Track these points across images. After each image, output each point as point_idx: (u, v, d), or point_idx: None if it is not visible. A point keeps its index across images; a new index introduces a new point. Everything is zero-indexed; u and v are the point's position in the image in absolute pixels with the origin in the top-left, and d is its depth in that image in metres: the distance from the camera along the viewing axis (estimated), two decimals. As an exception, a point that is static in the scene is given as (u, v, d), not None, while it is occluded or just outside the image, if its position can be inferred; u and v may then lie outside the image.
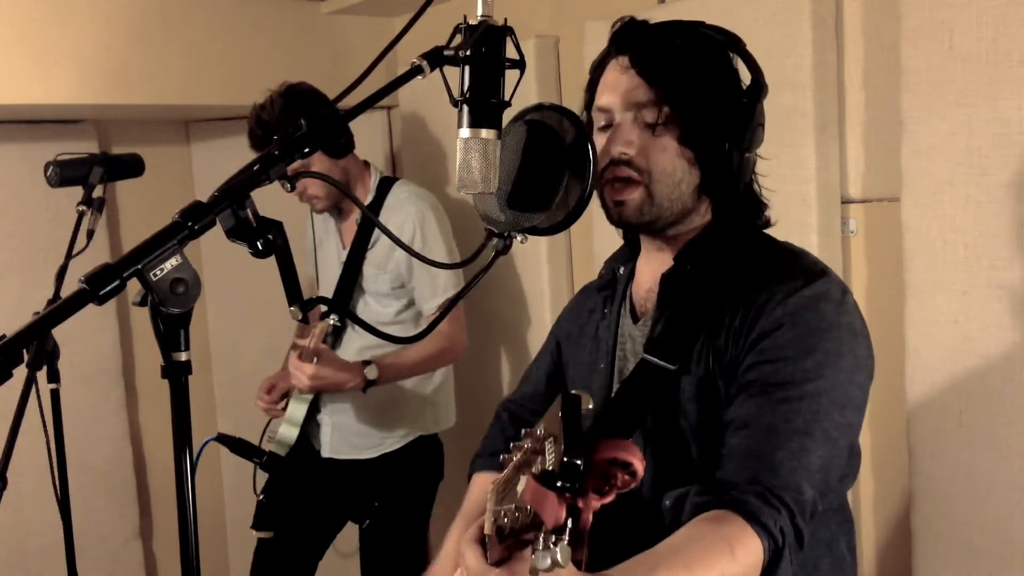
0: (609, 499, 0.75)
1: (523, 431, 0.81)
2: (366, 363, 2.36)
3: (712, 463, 1.16)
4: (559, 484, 0.72)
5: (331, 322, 2.30)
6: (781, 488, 1.08)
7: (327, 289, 2.59)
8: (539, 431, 0.78)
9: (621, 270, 1.41)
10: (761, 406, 1.14)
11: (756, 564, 1.05)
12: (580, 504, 0.72)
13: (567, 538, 0.73)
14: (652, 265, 1.34)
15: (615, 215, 1.27)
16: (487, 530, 0.88)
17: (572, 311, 1.53)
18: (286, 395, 2.59)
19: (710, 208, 1.30)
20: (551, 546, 0.73)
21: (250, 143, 2.41)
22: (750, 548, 1.04)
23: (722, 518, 1.06)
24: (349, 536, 2.91)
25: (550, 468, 0.73)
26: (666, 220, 1.27)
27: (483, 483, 1.44)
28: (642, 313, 1.34)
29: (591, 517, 0.73)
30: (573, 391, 0.75)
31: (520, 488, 0.81)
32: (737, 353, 1.19)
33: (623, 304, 1.38)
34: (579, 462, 0.72)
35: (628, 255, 1.42)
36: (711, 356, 1.21)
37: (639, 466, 0.74)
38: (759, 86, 1.26)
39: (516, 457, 0.82)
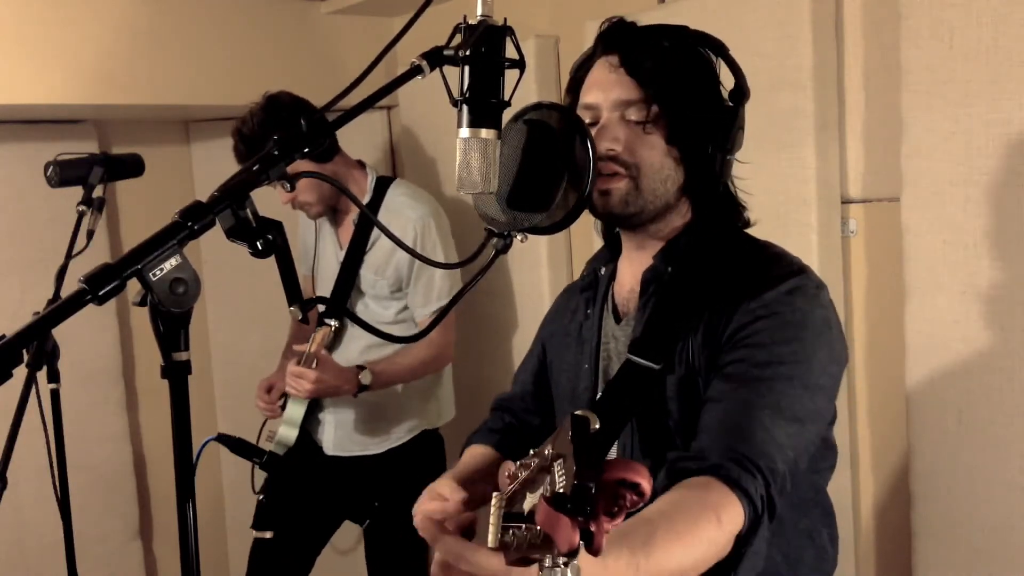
0: (619, 520, 0.75)
1: (531, 450, 0.81)
2: (360, 368, 2.37)
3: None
4: (571, 507, 0.72)
5: (331, 328, 2.30)
6: (756, 456, 1.10)
7: (324, 289, 2.59)
8: (547, 451, 0.77)
9: (603, 270, 1.42)
10: (735, 383, 1.16)
11: (737, 530, 1.06)
12: (593, 528, 0.72)
13: (578, 561, 0.73)
14: (633, 265, 1.35)
15: (600, 205, 1.27)
16: (491, 543, 0.88)
17: (555, 312, 1.54)
18: (285, 395, 2.60)
19: (689, 208, 1.32)
20: (562, 566, 0.73)
21: (236, 158, 2.40)
22: (733, 514, 1.06)
23: (705, 484, 1.07)
24: (347, 534, 2.91)
25: (561, 491, 0.73)
26: (649, 214, 1.28)
27: (477, 451, 1.48)
28: (624, 313, 1.35)
29: (604, 541, 0.73)
30: (580, 412, 0.75)
31: (527, 506, 0.81)
32: (715, 350, 1.21)
33: (605, 304, 1.39)
34: (591, 485, 0.71)
35: (609, 256, 1.43)
36: (691, 354, 1.23)
37: (647, 486, 0.74)
38: (742, 91, 1.28)
39: (523, 474, 0.82)
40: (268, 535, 2.52)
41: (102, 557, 3.08)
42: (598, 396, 1.33)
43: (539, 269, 2.69)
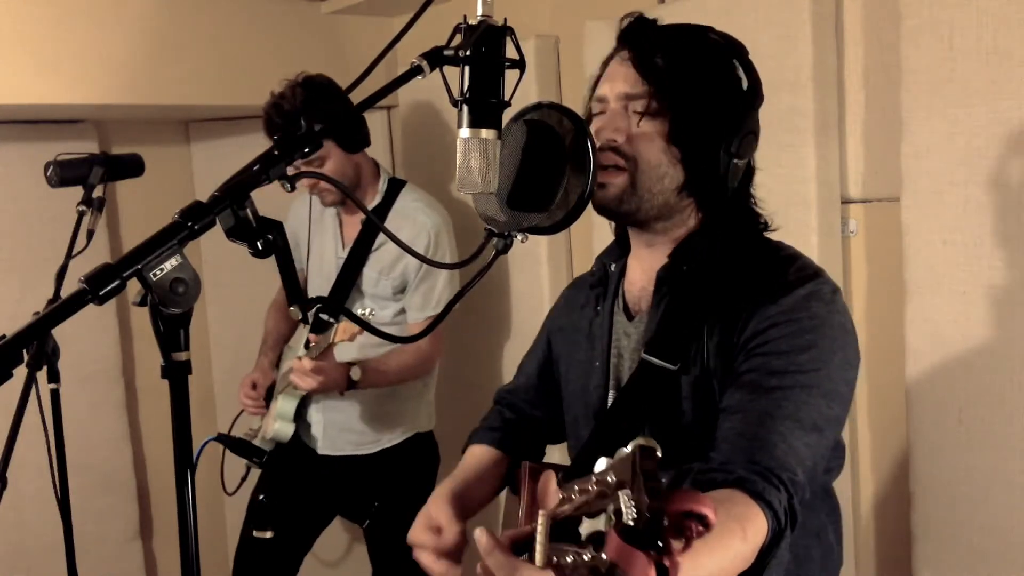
0: (686, 553, 0.74)
1: (592, 475, 0.80)
2: (350, 365, 2.37)
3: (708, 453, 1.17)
4: (643, 541, 0.71)
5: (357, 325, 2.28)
6: (778, 468, 1.09)
7: (319, 286, 2.59)
8: (609, 477, 0.76)
9: (613, 267, 1.41)
10: (753, 393, 1.16)
11: (761, 542, 1.06)
12: (667, 563, 0.71)
13: None
14: (644, 263, 1.34)
15: (596, 198, 1.26)
16: (539, 562, 0.87)
17: (564, 305, 1.53)
18: (269, 392, 2.60)
19: (695, 210, 1.30)
20: None
21: (265, 130, 2.37)
22: (758, 527, 1.05)
23: (729, 497, 1.07)
24: (335, 541, 2.89)
25: (630, 523, 0.72)
26: (646, 213, 1.27)
27: (478, 451, 1.48)
28: (636, 311, 1.34)
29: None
30: (644, 441, 0.74)
31: (584, 531, 0.80)
32: (731, 352, 1.20)
33: (616, 301, 1.38)
34: (664, 519, 0.71)
35: (619, 252, 1.42)
36: (706, 356, 1.22)
37: (713, 517, 0.73)
38: (755, 94, 1.27)
39: (577, 498, 0.81)
40: (268, 535, 2.52)
41: (102, 557, 3.08)
42: (613, 398, 1.33)
43: (539, 269, 2.69)
